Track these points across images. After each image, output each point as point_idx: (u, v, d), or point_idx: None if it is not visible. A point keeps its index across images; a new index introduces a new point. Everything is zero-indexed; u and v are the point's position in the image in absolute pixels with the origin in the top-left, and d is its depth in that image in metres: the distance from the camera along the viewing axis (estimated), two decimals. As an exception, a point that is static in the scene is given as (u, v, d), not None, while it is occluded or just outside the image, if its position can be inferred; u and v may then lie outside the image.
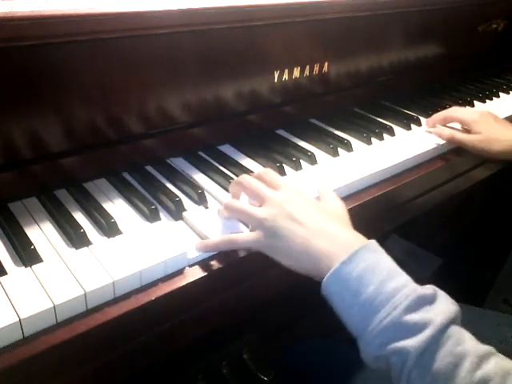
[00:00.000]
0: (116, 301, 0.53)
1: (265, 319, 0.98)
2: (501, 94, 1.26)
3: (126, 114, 0.71)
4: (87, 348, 0.51)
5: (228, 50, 0.78)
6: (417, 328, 0.46)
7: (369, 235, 0.66)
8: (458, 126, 0.97)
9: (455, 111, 0.97)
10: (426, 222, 1.33)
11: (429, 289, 0.49)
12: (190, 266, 0.59)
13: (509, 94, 1.28)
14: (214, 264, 0.60)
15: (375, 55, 1.06)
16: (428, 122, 0.98)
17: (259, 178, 0.62)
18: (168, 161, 0.79)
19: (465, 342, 0.46)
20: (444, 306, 0.48)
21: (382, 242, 0.60)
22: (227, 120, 0.85)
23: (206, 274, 0.58)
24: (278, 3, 0.79)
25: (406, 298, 0.47)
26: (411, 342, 0.46)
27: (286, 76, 0.88)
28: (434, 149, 0.91)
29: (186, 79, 0.75)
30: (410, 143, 0.92)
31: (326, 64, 0.94)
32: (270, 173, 0.64)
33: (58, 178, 0.69)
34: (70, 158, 0.69)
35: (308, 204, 0.58)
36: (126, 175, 0.74)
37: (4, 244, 0.58)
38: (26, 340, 0.48)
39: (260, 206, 0.59)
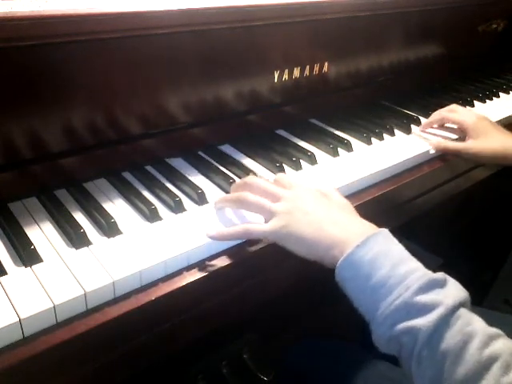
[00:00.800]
0: (116, 301, 0.53)
1: (265, 319, 0.98)
2: (501, 94, 1.26)
3: (126, 114, 0.71)
4: (87, 348, 0.51)
5: (228, 49, 0.78)
6: (427, 308, 0.47)
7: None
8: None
9: (452, 111, 0.96)
10: (426, 222, 1.33)
11: (439, 274, 0.50)
12: (190, 266, 0.59)
13: (509, 93, 1.28)
14: (214, 264, 0.60)
15: (375, 55, 1.06)
16: (424, 126, 0.97)
17: (274, 181, 0.65)
18: (168, 161, 0.79)
19: (474, 323, 0.47)
20: (454, 290, 0.49)
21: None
22: (227, 120, 0.85)
23: (205, 274, 0.58)
24: (278, 3, 0.79)
25: (417, 280, 0.49)
26: (422, 321, 0.47)
27: (285, 76, 0.88)
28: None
29: (186, 79, 0.75)
30: (410, 143, 0.92)
31: (326, 64, 0.94)
32: (280, 174, 0.67)
33: (58, 178, 0.69)
34: (69, 158, 0.69)
35: (320, 199, 0.60)
36: (126, 175, 0.74)
37: (4, 244, 0.58)
38: (26, 340, 0.48)
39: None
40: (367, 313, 0.52)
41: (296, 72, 0.89)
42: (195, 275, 0.58)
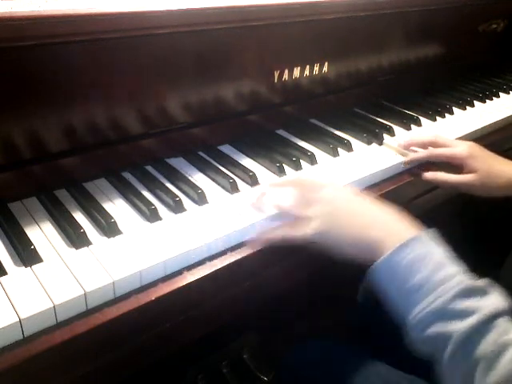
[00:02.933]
0: (116, 301, 0.53)
1: (265, 319, 0.98)
2: (501, 94, 1.26)
3: (126, 114, 0.71)
4: (87, 348, 0.51)
5: (228, 49, 0.78)
6: (463, 314, 0.47)
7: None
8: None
9: (439, 143, 0.84)
10: (426, 222, 1.33)
11: (479, 282, 0.49)
12: (190, 266, 0.59)
13: (509, 93, 1.28)
14: (214, 264, 0.60)
15: (375, 55, 1.06)
16: (403, 145, 0.87)
17: (299, 184, 0.65)
18: (168, 161, 0.79)
19: (510, 333, 0.46)
20: (495, 299, 0.48)
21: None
22: (227, 120, 0.85)
23: (205, 274, 0.58)
24: (278, 3, 0.79)
25: (453, 288, 0.48)
26: (455, 327, 0.46)
27: (285, 76, 0.88)
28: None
29: (186, 79, 0.75)
30: (410, 143, 0.92)
31: (326, 64, 0.94)
32: (308, 179, 0.66)
33: (58, 178, 0.69)
34: (69, 158, 0.69)
35: (354, 198, 0.61)
36: (126, 175, 0.74)
37: (4, 244, 0.58)
38: (26, 340, 0.48)
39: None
40: (400, 315, 0.51)
41: (296, 72, 0.89)
42: (195, 275, 0.58)
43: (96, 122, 0.69)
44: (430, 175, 0.83)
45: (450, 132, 0.97)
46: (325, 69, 0.94)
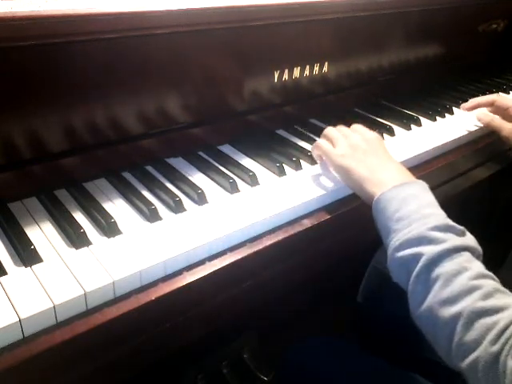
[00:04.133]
0: (116, 301, 0.53)
1: (265, 319, 0.98)
2: (501, 94, 1.26)
3: (126, 114, 0.71)
4: (87, 348, 0.51)
5: (228, 49, 0.78)
6: (437, 241, 0.53)
7: (370, 235, 0.67)
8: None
9: (503, 98, 1.00)
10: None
11: (459, 226, 0.56)
12: (190, 266, 0.59)
13: (509, 93, 1.28)
14: (214, 264, 0.60)
15: (375, 55, 1.06)
16: (468, 105, 1.02)
17: (335, 128, 0.76)
18: (168, 161, 0.79)
19: (474, 262, 0.53)
20: (469, 239, 0.55)
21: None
22: (227, 120, 0.85)
23: (205, 274, 0.58)
24: (278, 3, 0.79)
25: (437, 221, 0.55)
26: (427, 249, 0.53)
27: (286, 76, 0.88)
28: (433, 149, 0.91)
29: (186, 79, 0.75)
30: (409, 143, 0.92)
31: (326, 64, 0.94)
32: (343, 127, 0.77)
33: (58, 178, 0.69)
34: (70, 157, 0.69)
35: (379, 146, 0.70)
36: (126, 175, 0.74)
37: (4, 244, 0.58)
38: (25, 340, 0.48)
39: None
40: (387, 238, 0.59)
41: (296, 72, 0.89)
42: (195, 275, 0.58)
43: (96, 121, 0.69)
44: (487, 118, 0.97)
45: (450, 132, 0.97)
46: (325, 69, 0.94)
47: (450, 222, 0.56)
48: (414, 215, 0.56)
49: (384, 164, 0.66)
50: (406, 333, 0.85)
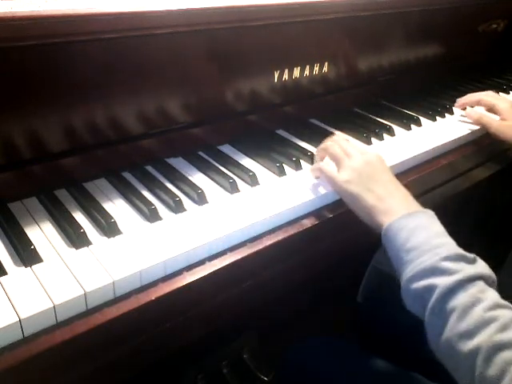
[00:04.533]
0: (116, 301, 0.53)
1: (265, 319, 0.98)
2: (501, 94, 1.26)
3: (126, 114, 0.71)
4: (87, 348, 0.51)
5: (228, 49, 0.78)
6: (449, 272, 0.53)
7: (370, 235, 0.66)
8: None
9: (489, 96, 1.01)
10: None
11: (470, 254, 0.56)
12: (190, 266, 0.59)
13: (509, 93, 1.28)
14: (214, 264, 0.60)
15: (375, 55, 1.06)
16: (459, 103, 1.05)
17: (336, 143, 0.73)
18: (168, 161, 0.79)
19: (488, 292, 0.52)
20: (481, 267, 0.55)
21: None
22: (227, 120, 0.85)
23: (205, 274, 0.58)
24: (278, 3, 0.79)
25: (447, 251, 0.55)
26: (441, 281, 0.53)
27: (286, 76, 0.88)
28: (433, 149, 0.91)
29: (186, 79, 0.75)
30: (409, 143, 0.92)
31: (326, 64, 0.94)
32: (343, 142, 0.73)
33: (58, 178, 0.69)
34: (70, 157, 0.69)
35: (384, 171, 0.69)
36: (126, 175, 0.74)
37: (4, 244, 0.58)
38: (26, 340, 0.48)
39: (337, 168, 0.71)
40: (400, 269, 0.58)
41: (296, 72, 0.89)
42: (195, 275, 0.58)
43: (96, 121, 0.69)
44: (476, 115, 0.99)
45: (450, 132, 0.97)
46: (325, 69, 0.94)
47: (461, 251, 0.56)
48: (424, 246, 0.56)
49: (390, 191, 0.65)
50: (406, 333, 0.85)
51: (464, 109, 1.05)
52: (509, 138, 0.93)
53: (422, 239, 0.57)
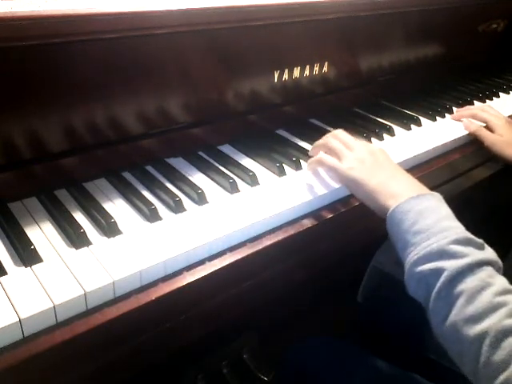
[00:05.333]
0: (116, 301, 0.53)
1: (265, 319, 0.98)
2: (501, 94, 1.26)
3: (126, 114, 0.71)
4: (87, 348, 0.51)
5: (228, 49, 0.78)
6: (458, 255, 0.52)
7: (370, 234, 0.67)
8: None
9: (484, 112, 1.02)
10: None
11: (479, 239, 0.55)
12: (190, 266, 0.59)
13: (509, 93, 1.28)
14: (214, 264, 0.60)
15: (375, 55, 1.06)
16: (455, 115, 1.05)
17: (336, 137, 0.73)
18: (168, 161, 0.79)
19: (496, 277, 0.51)
20: (489, 253, 0.54)
21: (383, 242, 0.60)
22: (227, 120, 0.85)
23: (205, 274, 0.58)
24: (278, 3, 0.79)
25: (457, 234, 0.54)
26: (449, 264, 0.51)
27: (286, 76, 0.88)
28: (433, 149, 0.91)
29: (186, 79, 0.75)
30: (409, 143, 0.92)
31: (326, 64, 0.94)
32: (344, 136, 0.73)
33: (58, 178, 0.69)
34: (70, 157, 0.69)
35: (386, 158, 0.69)
36: (126, 175, 0.74)
37: (4, 244, 0.58)
38: (26, 340, 0.48)
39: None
40: (405, 253, 0.57)
41: (296, 72, 0.89)
42: (195, 275, 0.58)
43: (96, 121, 0.69)
44: (467, 123, 1.00)
45: (450, 132, 0.97)
46: (325, 69, 0.94)
47: (470, 235, 0.55)
48: (433, 228, 0.55)
49: (395, 175, 0.65)
50: (406, 332, 0.85)
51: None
52: (502, 154, 0.93)
53: (430, 221, 0.56)
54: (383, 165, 0.67)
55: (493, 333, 0.47)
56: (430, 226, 0.55)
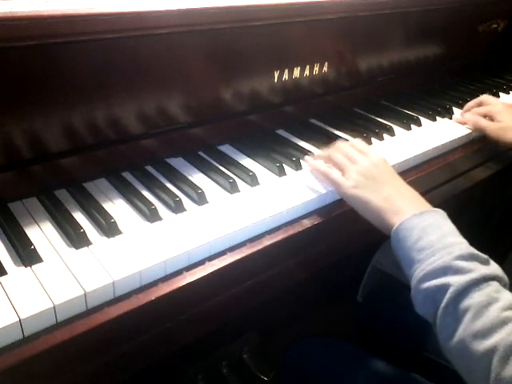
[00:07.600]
0: (116, 301, 0.53)
1: (265, 319, 0.98)
2: (501, 94, 1.26)
3: (126, 114, 0.71)
4: (87, 348, 0.51)
5: (228, 49, 0.78)
6: (463, 271, 0.52)
7: (370, 234, 0.67)
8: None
9: (486, 101, 1.03)
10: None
11: (483, 255, 0.54)
12: (190, 266, 0.59)
13: (509, 93, 1.28)
14: (214, 264, 0.60)
15: (375, 55, 1.06)
16: (459, 119, 1.04)
17: (339, 150, 0.73)
18: (168, 161, 0.79)
19: (503, 292, 0.51)
20: (495, 268, 0.54)
21: (383, 242, 0.60)
22: (227, 120, 0.85)
23: (205, 274, 0.58)
24: (278, 3, 0.79)
25: (461, 249, 0.54)
26: (454, 280, 0.51)
27: (286, 76, 0.88)
28: (433, 149, 0.91)
29: (186, 79, 0.75)
30: (409, 143, 0.92)
31: (326, 64, 0.94)
32: (357, 140, 0.75)
33: (58, 178, 0.69)
34: (70, 157, 0.69)
35: (389, 171, 0.69)
36: (126, 175, 0.74)
37: (4, 244, 0.58)
38: (26, 340, 0.48)
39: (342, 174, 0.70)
40: (410, 270, 0.57)
41: (296, 72, 0.89)
42: (195, 275, 0.58)
43: (96, 122, 0.69)
44: (473, 118, 0.99)
45: (450, 132, 0.97)
46: (325, 69, 0.94)
47: (474, 251, 0.54)
48: (437, 245, 0.55)
49: (398, 191, 0.65)
50: (406, 332, 0.85)
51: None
52: (503, 139, 0.93)
53: (434, 238, 0.56)
54: (387, 178, 0.67)
55: (502, 348, 0.47)
56: (434, 242, 0.55)
